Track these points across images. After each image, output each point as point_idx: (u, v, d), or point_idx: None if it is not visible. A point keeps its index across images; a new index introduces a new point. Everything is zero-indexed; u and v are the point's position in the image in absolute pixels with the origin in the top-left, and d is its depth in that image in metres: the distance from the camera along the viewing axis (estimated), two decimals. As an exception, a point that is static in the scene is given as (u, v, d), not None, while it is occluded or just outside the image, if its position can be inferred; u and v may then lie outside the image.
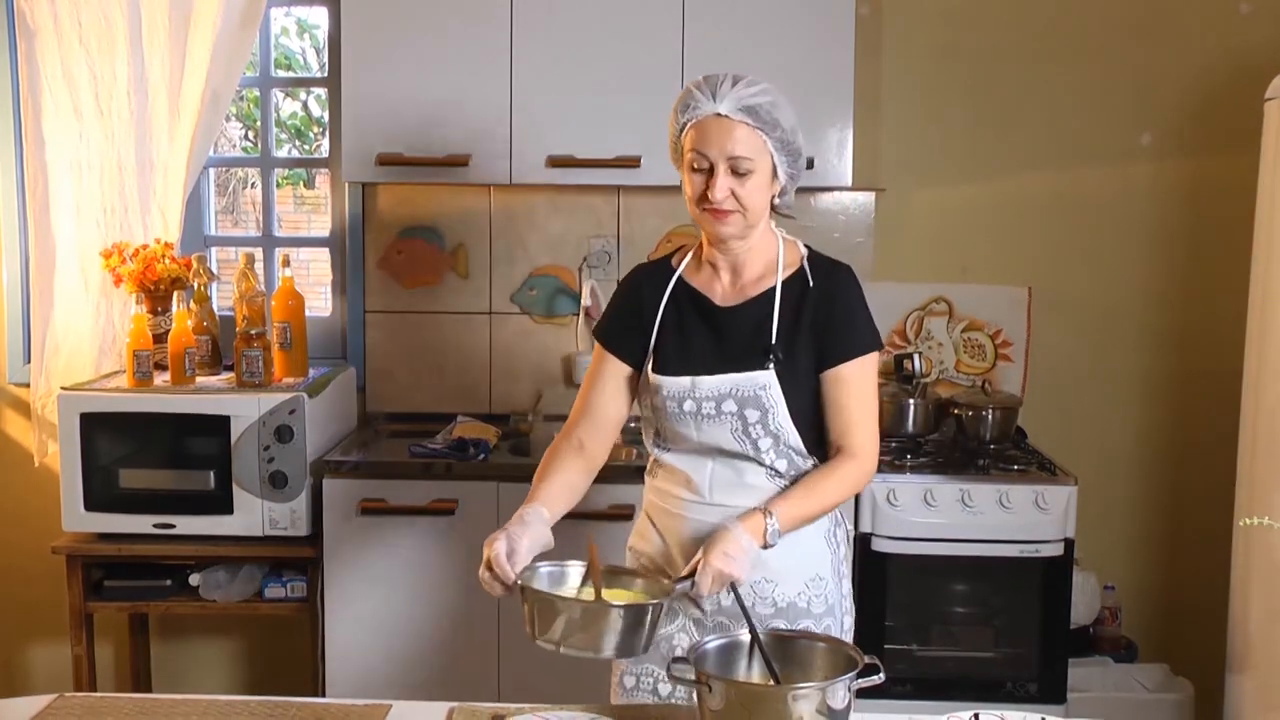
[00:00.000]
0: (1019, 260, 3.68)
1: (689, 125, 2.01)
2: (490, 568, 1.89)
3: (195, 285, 3.41)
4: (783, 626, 2.04)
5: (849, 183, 3.31)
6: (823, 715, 1.63)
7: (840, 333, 2.06)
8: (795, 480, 2.06)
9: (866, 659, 1.73)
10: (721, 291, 2.11)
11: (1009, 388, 3.65)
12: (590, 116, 3.27)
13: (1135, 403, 3.72)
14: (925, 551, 3.13)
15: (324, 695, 3.14)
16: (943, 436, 3.48)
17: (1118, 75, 3.63)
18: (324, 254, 3.77)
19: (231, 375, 3.30)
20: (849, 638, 2.15)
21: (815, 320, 2.05)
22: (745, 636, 1.82)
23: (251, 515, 3.14)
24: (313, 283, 3.94)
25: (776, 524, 1.95)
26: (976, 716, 1.78)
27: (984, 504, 3.13)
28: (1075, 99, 3.64)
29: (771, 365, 2.02)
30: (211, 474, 3.13)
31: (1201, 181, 3.64)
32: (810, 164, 3.24)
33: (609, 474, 3.26)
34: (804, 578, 2.08)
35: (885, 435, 3.46)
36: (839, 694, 1.65)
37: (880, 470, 3.18)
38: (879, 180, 3.65)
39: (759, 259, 2.10)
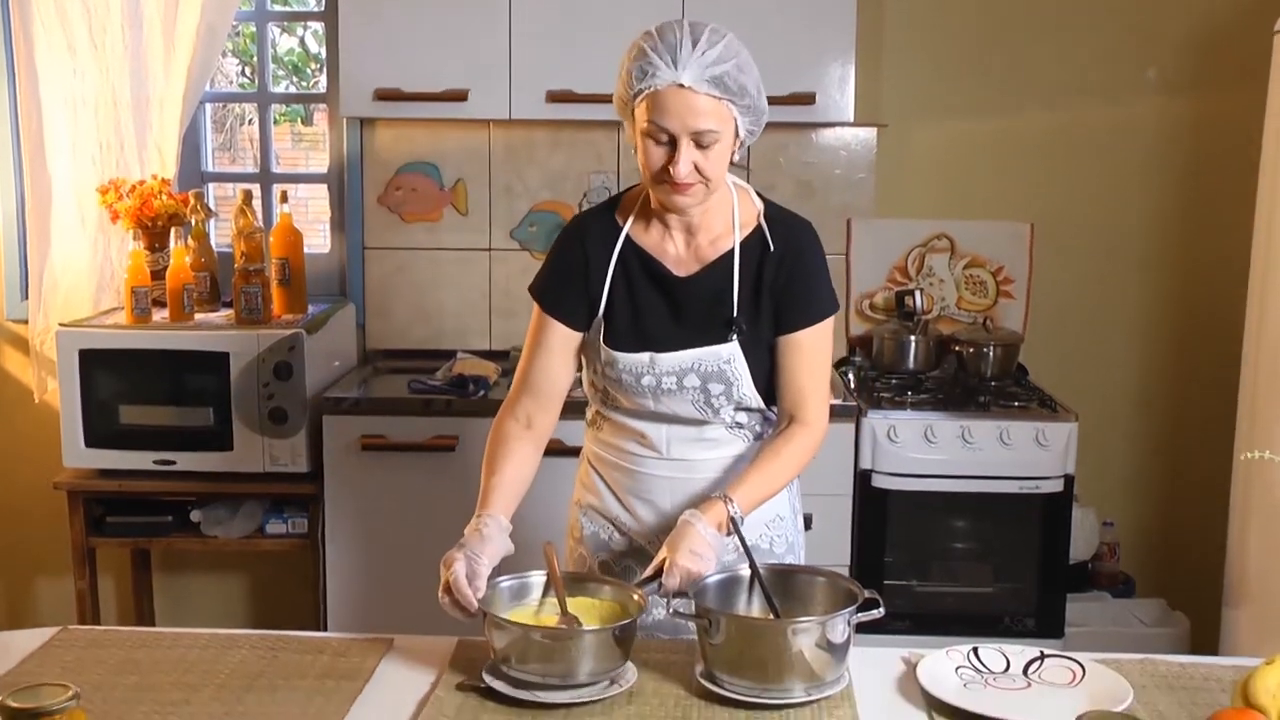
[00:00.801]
0: (1021, 196, 3.64)
1: (645, 93, 1.81)
2: (448, 591, 1.77)
3: (193, 221, 3.38)
4: (743, 570, 1.99)
5: (851, 118, 3.26)
6: (822, 649, 1.63)
7: (800, 298, 1.94)
8: (758, 452, 1.97)
9: (866, 594, 1.73)
10: (675, 255, 1.95)
11: (1010, 324, 3.63)
12: (590, 50, 3.22)
13: (1137, 340, 3.70)
14: (925, 488, 3.12)
15: (325, 630, 3.15)
16: (944, 373, 3.46)
17: (1122, 8, 3.57)
18: (322, 191, 3.74)
19: (230, 312, 3.29)
20: None
21: (775, 284, 1.94)
22: (745, 572, 1.81)
23: (251, 452, 3.13)
24: (311, 220, 3.91)
25: (738, 510, 1.87)
26: (975, 650, 1.77)
27: (984, 441, 3.12)
28: (1079, 32, 3.58)
29: (735, 337, 1.93)
30: (211, 410, 3.12)
31: (1207, 117, 3.59)
32: (811, 99, 3.20)
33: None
34: (765, 519, 2.04)
35: (886, 371, 3.45)
36: (838, 628, 1.65)
37: (881, 406, 3.18)
38: (881, 116, 3.60)
39: (715, 217, 1.94)
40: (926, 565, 3.23)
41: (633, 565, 2.01)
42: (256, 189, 3.71)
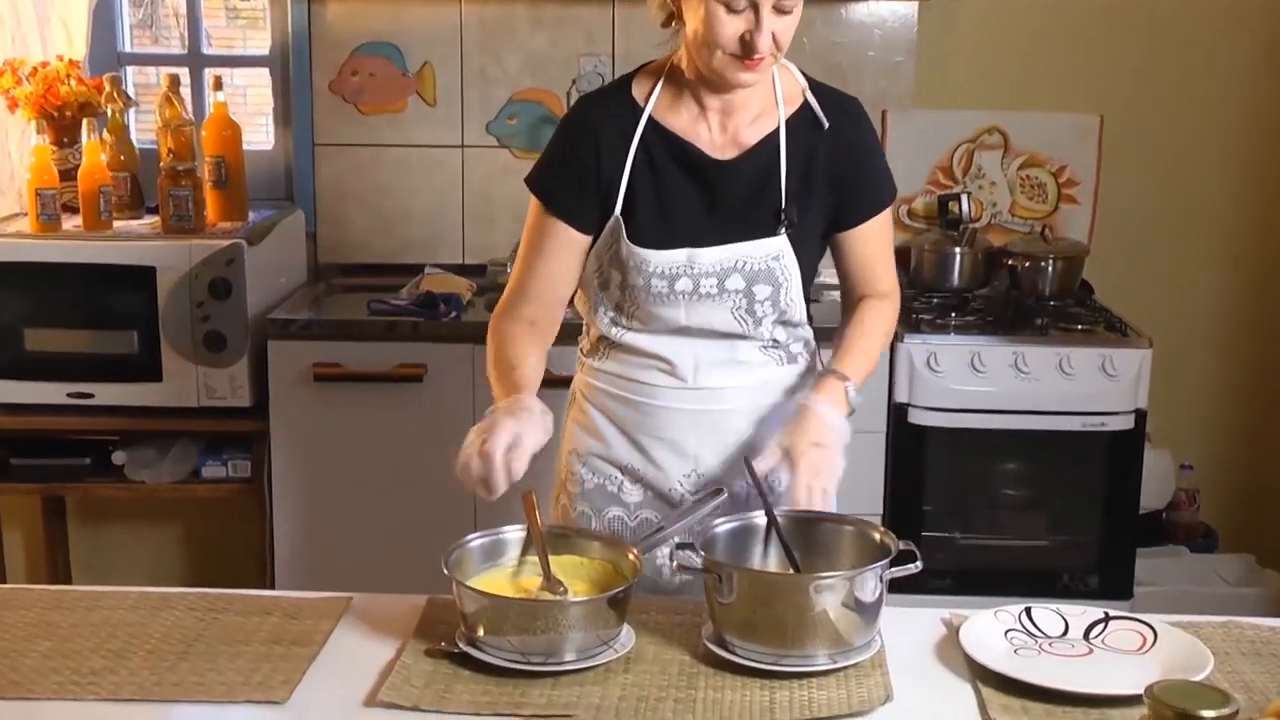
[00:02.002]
0: (1089, 83, 3.61)
1: None
2: (479, 462, 1.77)
3: (108, 112, 3.35)
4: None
5: (889, -12, 3.23)
6: (850, 609, 1.64)
7: (863, 187, 2.00)
8: (842, 332, 2.04)
9: (901, 546, 1.73)
10: (710, 138, 1.96)
11: (1074, 235, 3.61)
12: (579, -94, 3.17)
13: (1222, 254, 3.69)
14: (970, 424, 3.13)
15: (272, 589, 3.17)
16: (994, 291, 3.45)
17: None
18: (263, 76, 3.71)
19: (156, 219, 3.27)
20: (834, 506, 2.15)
21: (833, 173, 1.97)
22: (761, 520, 1.81)
23: (184, 383, 3.13)
24: (251, 111, 3.88)
25: (854, 389, 1.95)
26: (1028, 611, 1.78)
27: (1041, 369, 3.12)
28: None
29: (784, 230, 1.94)
30: (135, 335, 3.12)
31: (1311, -13, 3.55)
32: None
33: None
34: None
35: (927, 289, 3.45)
36: (868, 585, 1.65)
37: (919, 330, 3.17)
38: (924, -14, 3.57)
39: (755, 93, 1.95)
40: (971, 514, 3.24)
41: (652, 518, 2.01)
42: (185, 74, 3.67)
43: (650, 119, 1.96)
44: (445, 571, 1.69)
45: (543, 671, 1.63)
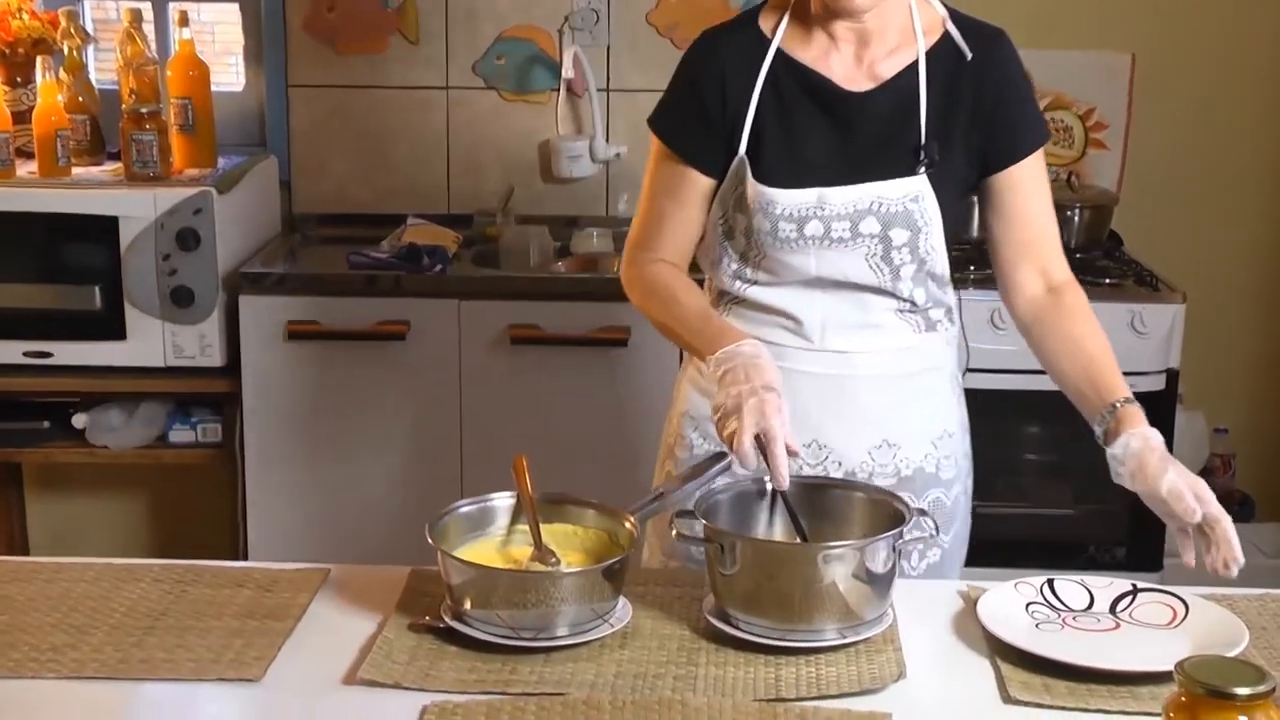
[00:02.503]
0: (1120, 18, 3.59)
1: None
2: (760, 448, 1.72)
3: (65, 49, 3.34)
4: (908, 498, 1.93)
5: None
6: (860, 581, 1.64)
7: (1013, 124, 1.95)
8: (1079, 347, 1.92)
9: (916, 511, 1.74)
10: (843, 70, 1.94)
11: (1102, 182, 3.60)
12: None
13: (1260, 205, 3.68)
14: (990, 385, 3.11)
15: (245, 560, 3.18)
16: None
17: None
18: (232, 12, 3.70)
19: (118, 165, 3.26)
20: (967, 505, 2.14)
21: (979, 108, 1.93)
22: (766, 486, 1.81)
23: (150, 341, 3.13)
24: (219, 50, 3.86)
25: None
26: (1050, 583, 1.79)
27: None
28: None
29: (924, 169, 1.92)
30: (97, 290, 3.11)
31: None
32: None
33: (593, 288, 3.29)
34: (931, 436, 2.03)
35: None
36: (880, 555, 1.66)
37: (938, 285, 3.16)
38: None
39: (890, 24, 1.94)
40: (990, 481, 3.21)
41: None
42: (147, 8, 3.65)
43: (779, 50, 1.96)
44: (429, 541, 1.69)
45: (533, 647, 1.63)
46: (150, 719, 1.56)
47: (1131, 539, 3.21)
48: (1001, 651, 1.64)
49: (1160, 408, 3.16)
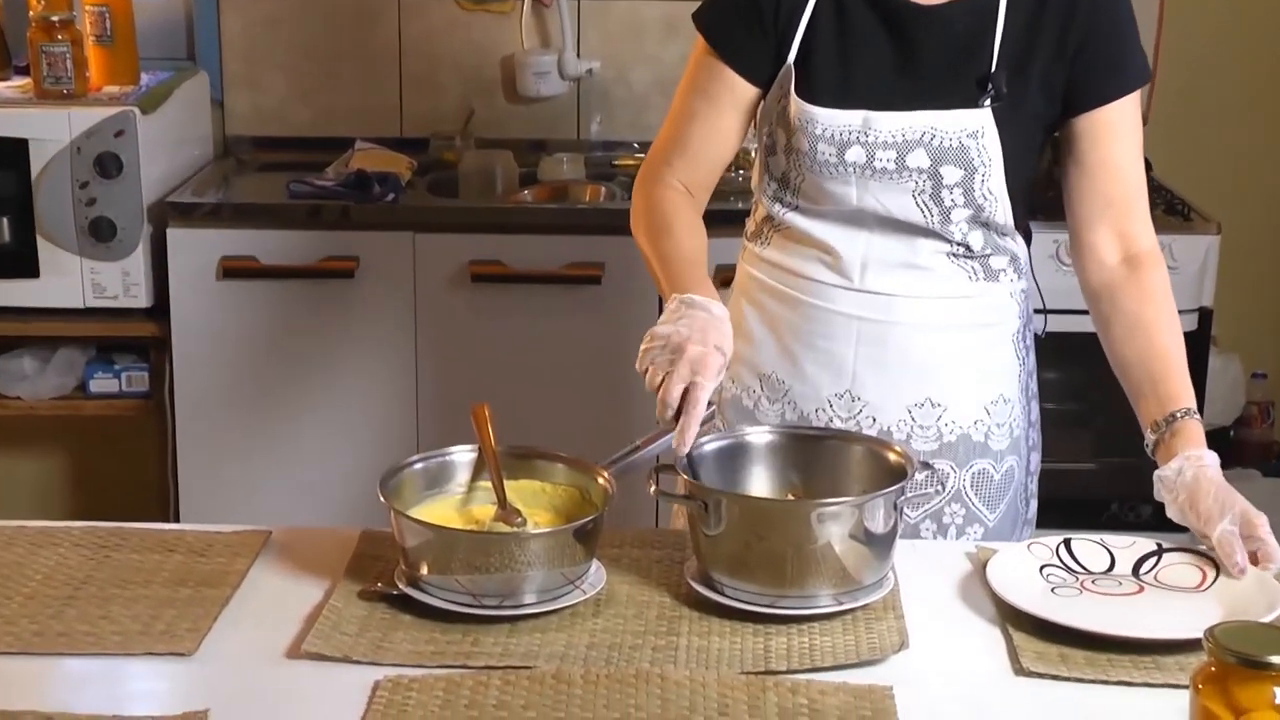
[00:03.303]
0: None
1: None
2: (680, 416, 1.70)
3: (-34, -50, 3.30)
4: (944, 466, 1.96)
5: None
6: (859, 542, 1.65)
7: (1106, 60, 1.92)
8: (1145, 342, 1.92)
9: (919, 465, 1.74)
10: None
11: (1130, 100, 3.60)
12: None
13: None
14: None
15: (177, 521, 3.18)
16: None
17: None
18: (156, -92, 3.66)
19: (27, 81, 3.24)
20: (1034, 486, 2.14)
21: (1067, 36, 1.90)
22: (754, 437, 1.82)
23: (67, 279, 3.13)
24: (142, -49, 3.82)
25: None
26: (1067, 543, 1.80)
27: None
28: None
29: (989, 102, 1.89)
30: (4, 222, 3.11)
31: None
32: None
33: (563, 220, 3.28)
34: (983, 400, 2.02)
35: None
36: (880, 513, 1.66)
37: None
38: None
39: None
40: (1005, 433, 3.26)
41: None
42: (60, -96, 3.61)
43: None
44: (381, 499, 1.69)
45: (497, 616, 1.63)
46: (71, 698, 1.55)
47: (1158, 496, 3.23)
48: (1013, 619, 1.65)
49: (1192, 351, 3.16)
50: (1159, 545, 1.80)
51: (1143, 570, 1.77)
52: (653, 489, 1.73)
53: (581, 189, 3.49)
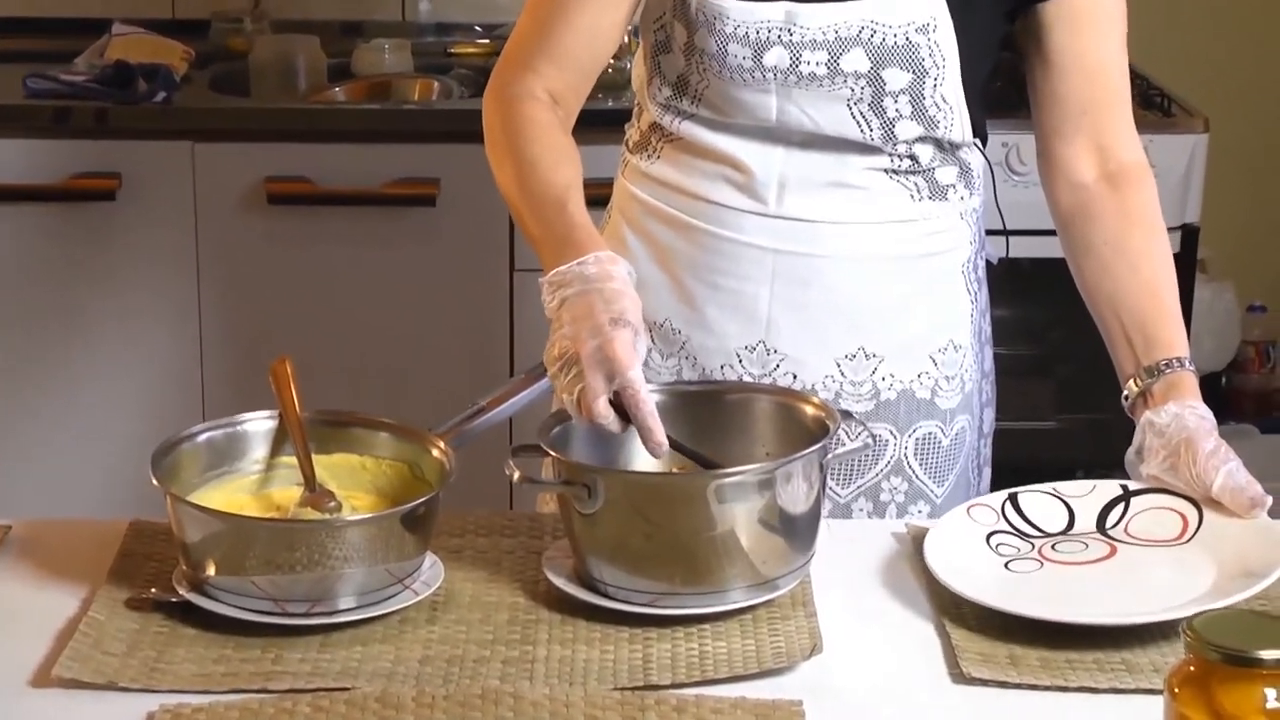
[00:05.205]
0: None
1: None
2: (617, 404, 1.68)
3: None
4: (882, 431, 2.00)
5: None
6: (767, 522, 1.66)
7: None
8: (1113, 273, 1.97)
9: (840, 412, 1.76)
10: None
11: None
12: None
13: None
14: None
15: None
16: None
17: None
18: None
19: None
20: (988, 450, 2.20)
21: None
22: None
23: None
24: None
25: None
26: (1014, 499, 1.84)
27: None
28: None
29: None
30: None
31: None
32: None
33: (386, 125, 3.27)
34: (929, 348, 2.05)
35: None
36: (795, 483, 1.68)
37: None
38: None
39: None
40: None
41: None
42: None
43: None
44: (155, 482, 1.68)
45: (307, 626, 1.64)
46: None
47: (1135, 457, 3.30)
48: (952, 612, 1.68)
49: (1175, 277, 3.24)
50: (1124, 488, 1.84)
51: (1109, 524, 1.81)
52: (516, 475, 1.72)
53: (408, 85, 3.48)
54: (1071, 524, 1.81)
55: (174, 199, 3.15)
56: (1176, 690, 1.29)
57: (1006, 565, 1.75)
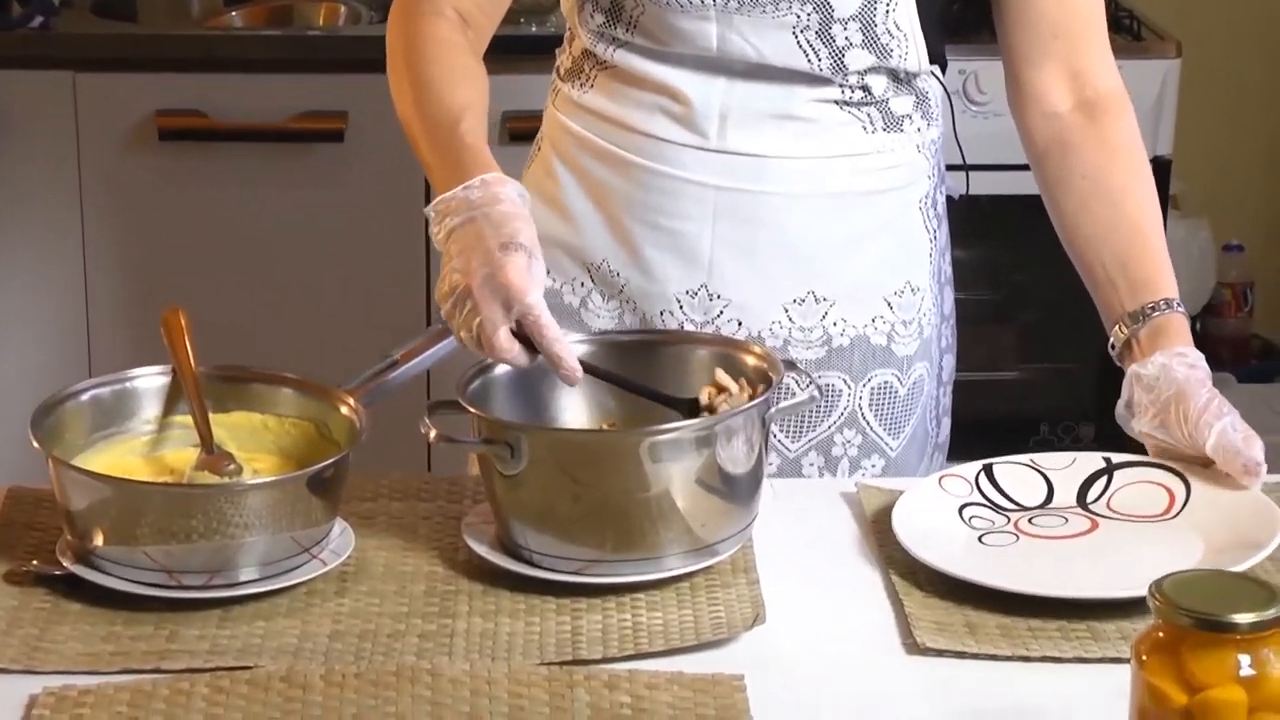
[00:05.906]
0: None
1: None
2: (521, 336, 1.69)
3: None
4: (834, 380, 2.03)
5: None
6: (706, 483, 1.67)
7: None
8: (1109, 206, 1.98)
9: (784, 362, 1.79)
10: None
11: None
12: None
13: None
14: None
15: None
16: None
17: None
18: None
19: None
20: (947, 400, 2.22)
21: None
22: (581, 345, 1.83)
23: None
24: None
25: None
26: (989, 470, 1.85)
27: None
28: None
29: None
30: None
31: None
32: None
33: (289, 53, 3.25)
34: (884, 290, 2.06)
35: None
36: (735, 440, 1.69)
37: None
38: None
39: None
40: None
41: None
42: None
43: None
44: (35, 444, 1.68)
45: (204, 600, 1.64)
46: None
47: (1104, 412, 3.31)
48: (907, 578, 1.69)
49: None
50: (1106, 460, 1.86)
51: (1090, 498, 1.82)
52: (432, 434, 1.73)
53: (313, 9, 3.47)
54: (1050, 497, 1.83)
55: (55, 135, 3.13)
56: (1145, 658, 1.30)
57: (980, 539, 1.76)
